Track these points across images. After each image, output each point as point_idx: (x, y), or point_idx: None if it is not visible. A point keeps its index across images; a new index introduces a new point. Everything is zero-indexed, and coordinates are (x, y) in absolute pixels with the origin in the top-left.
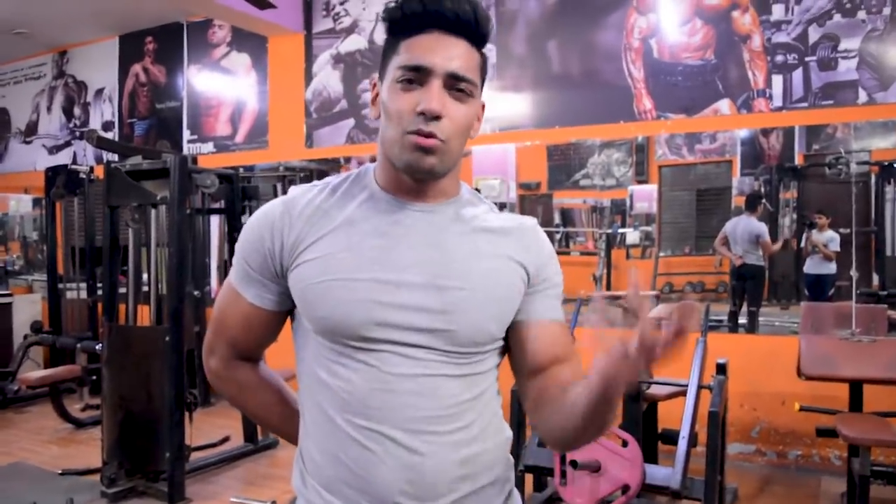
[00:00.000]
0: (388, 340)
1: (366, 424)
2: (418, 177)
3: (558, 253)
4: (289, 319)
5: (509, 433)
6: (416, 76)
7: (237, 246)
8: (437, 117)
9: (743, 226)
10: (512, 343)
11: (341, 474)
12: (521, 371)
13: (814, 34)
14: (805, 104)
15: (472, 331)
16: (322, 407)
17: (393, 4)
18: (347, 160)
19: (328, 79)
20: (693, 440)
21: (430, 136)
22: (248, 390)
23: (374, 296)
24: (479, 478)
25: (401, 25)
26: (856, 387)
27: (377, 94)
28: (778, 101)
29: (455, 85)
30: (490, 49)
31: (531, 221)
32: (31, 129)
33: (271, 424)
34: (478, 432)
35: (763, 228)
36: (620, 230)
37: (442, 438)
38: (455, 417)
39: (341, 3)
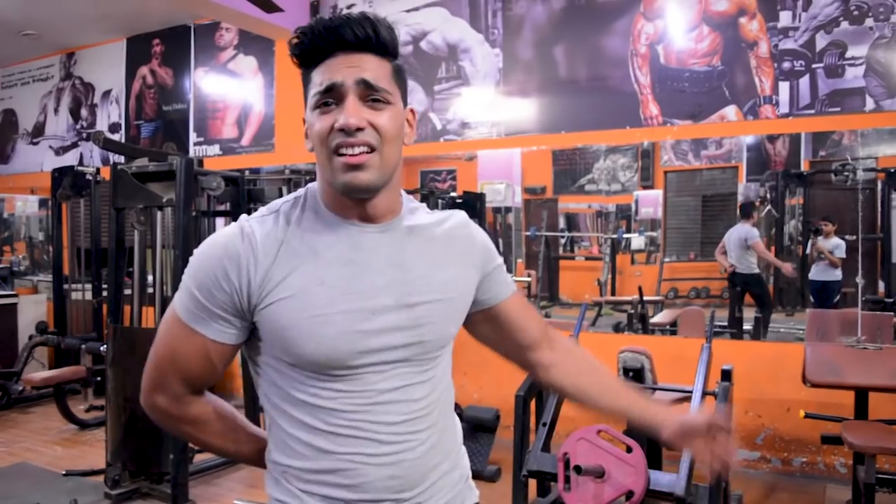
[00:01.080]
0: (369, 364)
1: (349, 434)
2: (358, 196)
3: (562, 258)
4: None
5: (457, 420)
6: (331, 96)
7: (189, 279)
8: (358, 129)
9: (736, 233)
10: (489, 328)
11: (323, 477)
12: (515, 348)
13: (821, 41)
14: (812, 111)
15: (438, 337)
16: (302, 421)
17: (295, 39)
18: None
19: None
20: None
21: (357, 152)
22: (204, 424)
23: (354, 326)
24: (443, 464)
25: (307, 57)
26: (861, 394)
27: (306, 129)
28: (785, 108)
29: (370, 95)
30: (497, 54)
31: (461, 216)
32: (39, 131)
33: (231, 453)
34: (440, 424)
35: (752, 232)
36: (625, 235)
37: (416, 436)
38: (424, 417)
39: (348, 7)
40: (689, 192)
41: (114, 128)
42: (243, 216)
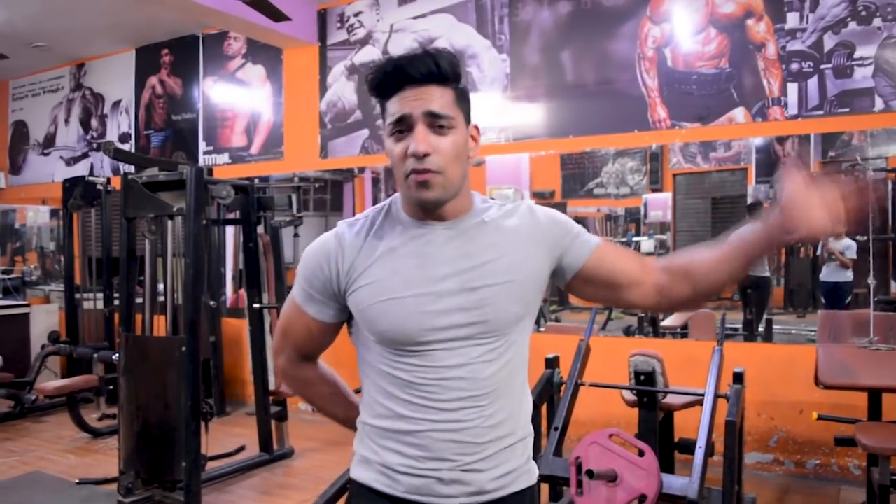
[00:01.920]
0: (437, 340)
1: (420, 402)
2: (429, 207)
3: None
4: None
5: (530, 399)
6: (403, 125)
7: (298, 271)
8: (426, 155)
9: None
10: (593, 286)
11: (397, 436)
12: (623, 291)
13: (829, 42)
14: (821, 112)
15: (501, 317)
16: (384, 388)
17: (371, 76)
18: (361, 170)
19: (343, 90)
20: (710, 449)
21: (425, 171)
22: (312, 385)
23: (421, 307)
24: (507, 438)
25: (382, 91)
26: (875, 395)
27: (387, 149)
28: (793, 109)
29: (436, 123)
30: (504, 59)
31: (526, 204)
32: (49, 141)
33: (330, 413)
34: (507, 402)
35: None
36: (635, 238)
37: (481, 412)
38: (491, 393)
39: (355, 15)
40: (699, 194)
41: (124, 138)
42: (340, 221)
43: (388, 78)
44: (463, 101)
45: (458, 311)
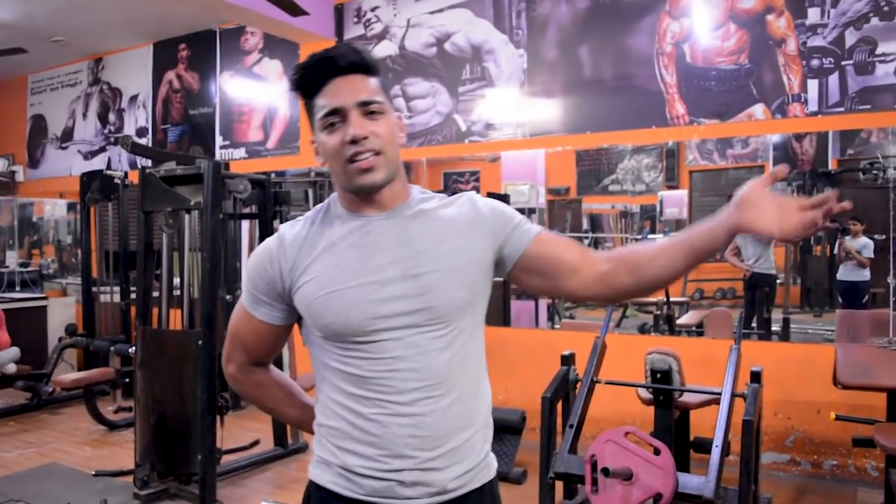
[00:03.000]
0: (383, 329)
1: (375, 396)
2: (373, 191)
3: None
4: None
5: (488, 390)
6: (337, 117)
7: (244, 275)
8: (364, 137)
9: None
10: (534, 276)
11: (354, 434)
12: (562, 279)
13: (850, 38)
14: (841, 109)
15: (446, 301)
16: (338, 386)
17: (295, 75)
18: None
19: None
20: (726, 449)
21: (368, 157)
22: (264, 389)
23: (364, 297)
24: (466, 431)
25: (308, 88)
26: (894, 396)
27: (316, 148)
28: (813, 106)
29: (367, 109)
30: (521, 54)
31: (468, 194)
32: (67, 135)
33: (285, 415)
34: (462, 392)
35: None
36: (650, 236)
37: (436, 402)
38: (444, 383)
39: (372, 10)
40: (715, 191)
41: (141, 132)
42: (282, 225)
43: (315, 72)
44: (386, 91)
45: (402, 299)
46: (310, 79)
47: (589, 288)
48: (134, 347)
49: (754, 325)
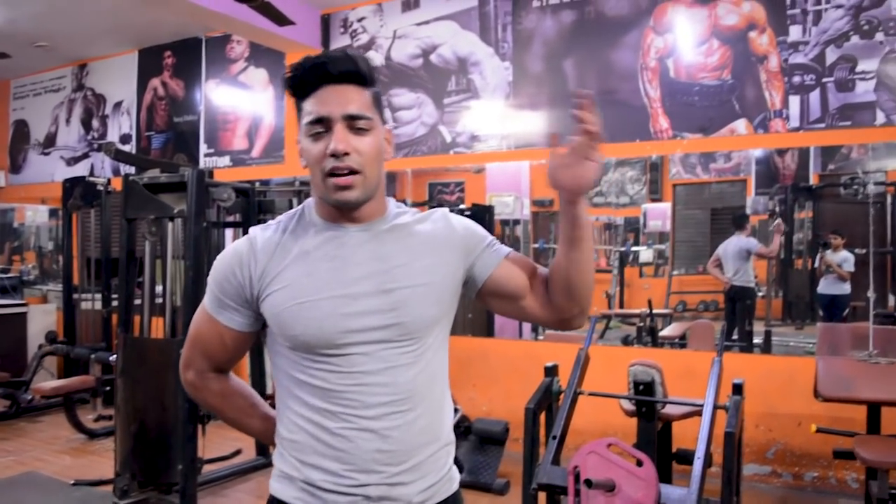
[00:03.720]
0: (354, 343)
1: (341, 411)
2: (348, 208)
3: None
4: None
5: (451, 406)
6: (322, 126)
7: (210, 278)
8: (345, 153)
9: (733, 245)
10: (497, 298)
11: (319, 448)
12: (519, 302)
13: (831, 55)
14: (822, 125)
15: (418, 318)
16: (302, 399)
17: (288, 75)
18: None
19: None
20: (708, 460)
21: (346, 174)
22: (224, 398)
23: (337, 310)
24: (431, 446)
25: (299, 90)
26: (874, 409)
27: (301, 150)
28: (795, 122)
29: (354, 124)
30: (506, 67)
31: (442, 211)
32: (50, 141)
33: (246, 426)
34: (428, 407)
35: (753, 242)
36: (634, 248)
37: (403, 416)
38: (412, 398)
39: (359, 21)
40: (698, 204)
41: (125, 139)
42: (253, 227)
43: (307, 75)
44: (379, 104)
45: (374, 314)
46: (302, 81)
47: (540, 310)
48: (115, 355)
49: (735, 337)
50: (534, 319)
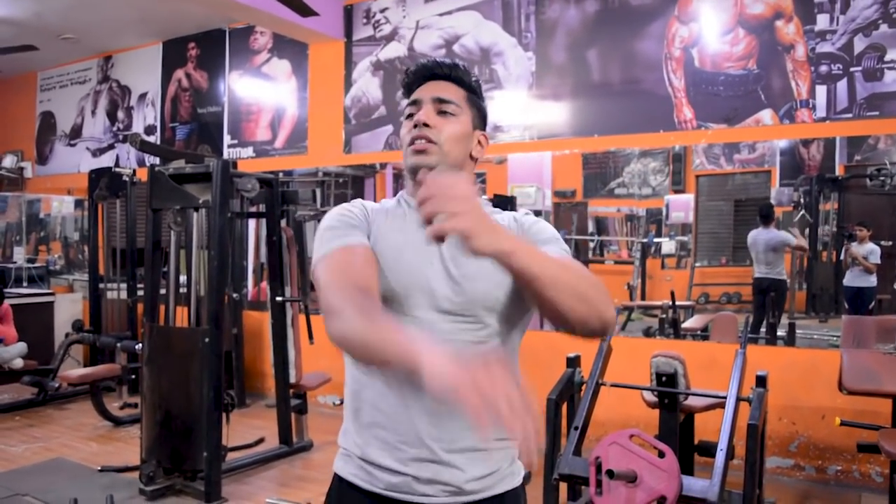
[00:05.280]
0: (419, 305)
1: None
2: (420, 175)
3: (591, 262)
4: None
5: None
6: (414, 108)
7: (328, 223)
8: (425, 125)
9: (764, 239)
10: (533, 301)
11: (378, 419)
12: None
13: (859, 44)
14: (849, 115)
15: (482, 296)
16: (366, 378)
17: (404, 77)
18: (383, 166)
19: (367, 85)
20: (731, 453)
21: (423, 140)
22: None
23: (416, 268)
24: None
25: (409, 86)
26: None
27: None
28: (822, 112)
29: (441, 107)
30: (529, 57)
31: (513, 213)
32: (76, 132)
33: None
34: None
35: (787, 236)
36: (656, 240)
37: None
38: None
39: (381, 11)
40: (721, 196)
41: (149, 130)
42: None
43: (416, 75)
44: (474, 106)
45: (442, 280)
46: (409, 81)
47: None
48: (140, 344)
49: (763, 329)
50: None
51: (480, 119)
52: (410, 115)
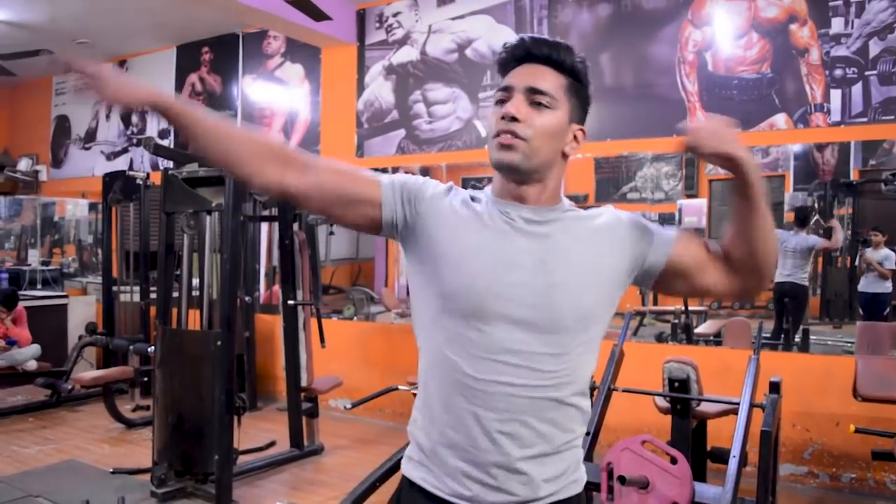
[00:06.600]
0: (499, 312)
1: (478, 387)
2: (506, 173)
3: None
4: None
5: (587, 402)
6: (505, 94)
7: (403, 177)
8: (514, 119)
9: (794, 241)
10: (677, 279)
11: (448, 428)
12: (697, 278)
13: (874, 48)
14: (864, 119)
15: (570, 306)
16: (440, 379)
17: (500, 53)
18: (395, 170)
19: (380, 89)
20: (744, 459)
21: (510, 135)
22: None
23: (491, 274)
24: (560, 437)
25: (504, 65)
26: None
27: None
28: (836, 116)
29: (534, 98)
30: None
31: (609, 208)
32: (91, 136)
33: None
34: (562, 406)
35: (817, 239)
36: None
37: (536, 403)
38: (550, 387)
39: (394, 16)
40: None
41: (163, 134)
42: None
43: (512, 52)
44: (574, 95)
45: (526, 288)
46: (505, 59)
47: (720, 278)
48: (153, 347)
49: (767, 334)
50: (715, 293)
51: (581, 110)
52: (501, 101)
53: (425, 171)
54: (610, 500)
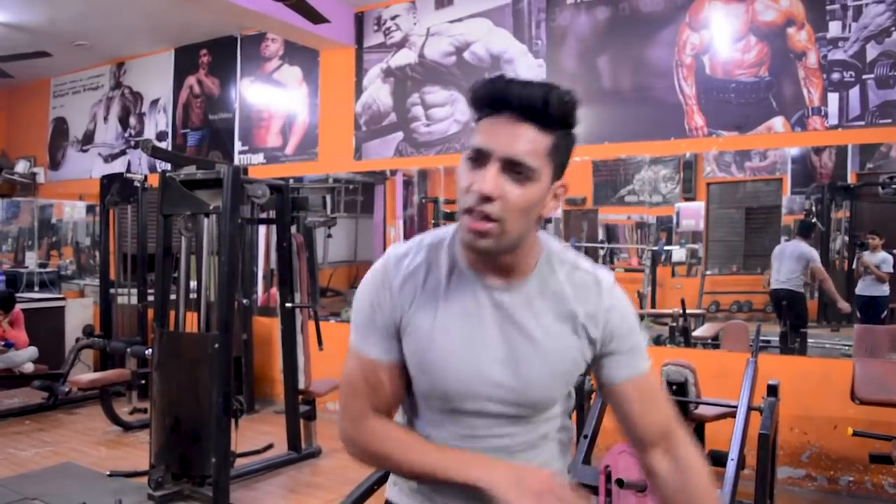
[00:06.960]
0: (475, 410)
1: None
2: (476, 255)
3: None
4: None
5: (569, 422)
6: (479, 157)
7: (355, 312)
8: (488, 199)
9: (792, 248)
10: (613, 409)
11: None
12: (632, 440)
13: (872, 51)
14: (862, 123)
15: (540, 399)
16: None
17: (476, 86)
18: (393, 173)
19: (378, 92)
20: (742, 462)
21: (483, 218)
22: (388, 432)
23: (466, 371)
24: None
25: (479, 105)
26: None
27: (458, 169)
28: (833, 120)
29: (513, 169)
30: (540, 64)
31: (607, 284)
32: (88, 138)
33: (418, 459)
34: (544, 456)
35: (814, 253)
36: (666, 247)
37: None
38: (527, 452)
39: (392, 18)
40: (732, 204)
41: (161, 136)
42: (390, 249)
43: (489, 96)
44: (559, 152)
45: (499, 386)
46: (481, 99)
47: (643, 465)
48: (150, 349)
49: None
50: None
51: (562, 163)
52: (473, 164)
53: (423, 174)
54: None
